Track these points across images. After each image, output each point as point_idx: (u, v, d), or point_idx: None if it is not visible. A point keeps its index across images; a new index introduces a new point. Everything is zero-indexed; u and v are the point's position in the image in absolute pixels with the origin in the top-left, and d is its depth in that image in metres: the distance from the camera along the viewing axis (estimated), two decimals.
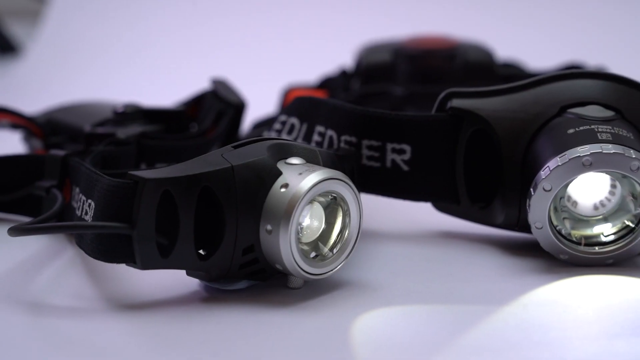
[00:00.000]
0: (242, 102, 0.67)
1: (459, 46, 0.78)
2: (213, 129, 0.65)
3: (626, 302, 0.45)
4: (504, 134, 0.51)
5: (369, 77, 0.78)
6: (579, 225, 0.49)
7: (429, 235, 0.55)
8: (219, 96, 0.67)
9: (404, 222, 0.56)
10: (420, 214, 0.55)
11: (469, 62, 0.77)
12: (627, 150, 0.46)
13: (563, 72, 0.52)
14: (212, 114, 0.66)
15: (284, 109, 0.58)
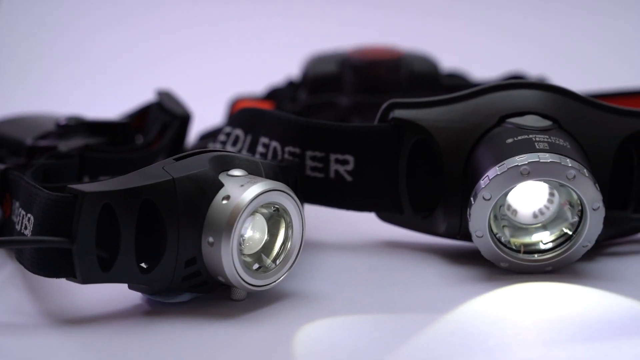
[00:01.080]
0: (188, 114, 0.67)
1: (404, 56, 0.79)
2: (158, 141, 0.65)
3: (564, 309, 0.45)
4: (445, 144, 0.51)
5: (315, 87, 0.78)
6: (518, 233, 0.50)
7: (373, 245, 0.55)
8: (164, 108, 0.66)
9: (347, 232, 0.56)
10: (364, 224, 0.55)
11: (414, 72, 0.78)
12: (563, 159, 0.47)
13: (502, 83, 0.53)
14: (157, 125, 0.65)
15: (229, 121, 0.59)
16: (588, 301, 0.46)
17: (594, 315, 0.44)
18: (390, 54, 0.79)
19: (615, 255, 0.53)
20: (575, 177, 0.47)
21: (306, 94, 0.79)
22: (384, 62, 0.78)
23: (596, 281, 0.48)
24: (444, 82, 0.79)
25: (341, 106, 0.78)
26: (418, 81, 0.78)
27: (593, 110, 0.51)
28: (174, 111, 0.66)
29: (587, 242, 0.49)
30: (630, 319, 0.44)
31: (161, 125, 0.65)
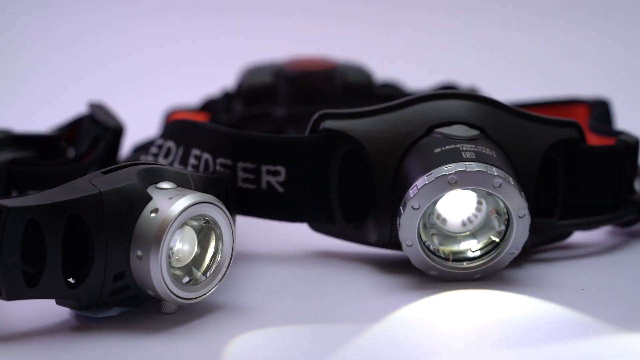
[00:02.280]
0: (120, 126, 0.66)
1: (338, 67, 0.80)
2: (90, 154, 0.64)
3: (491, 315, 0.46)
4: (375, 154, 0.52)
5: (250, 98, 0.79)
6: (447, 242, 0.51)
7: (305, 256, 0.56)
8: (96, 120, 0.66)
9: (280, 243, 0.56)
10: (296, 235, 0.56)
11: (348, 82, 0.79)
12: (489, 168, 0.48)
13: (431, 93, 0.53)
14: (89, 138, 0.65)
15: (161, 133, 0.58)
16: (515, 307, 0.47)
17: (520, 321, 0.45)
18: (325, 64, 0.80)
19: (542, 261, 0.54)
20: (501, 185, 0.48)
21: (241, 105, 0.79)
22: (318, 72, 0.79)
23: (523, 287, 0.49)
24: (378, 92, 0.80)
25: (276, 117, 0.78)
26: (352, 91, 0.78)
27: (519, 120, 0.52)
28: (106, 123, 0.65)
29: (514, 250, 0.50)
30: (555, 324, 0.44)
31: (93, 137, 0.65)
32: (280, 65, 0.80)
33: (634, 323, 0.44)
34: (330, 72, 0.79)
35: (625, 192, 0.57)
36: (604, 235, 0.58)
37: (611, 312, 0.45)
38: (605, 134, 0.62)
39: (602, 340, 0.43)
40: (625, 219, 0.56)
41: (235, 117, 0.78)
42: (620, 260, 0.54)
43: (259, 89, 0.78)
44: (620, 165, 0.56)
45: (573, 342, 0.43)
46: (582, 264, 0.53)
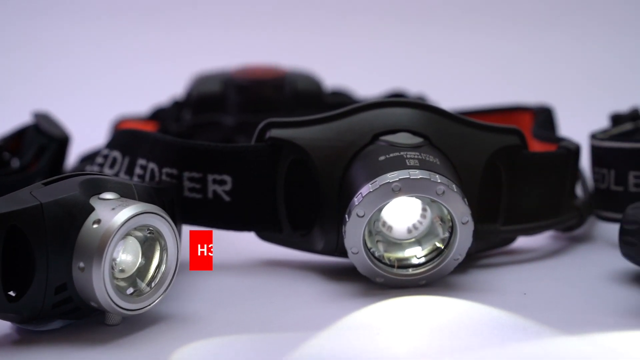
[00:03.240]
0: (66, 136, 0.65)
1: (288, 75, 0.80)
2: (34, 164, 0.63)
3: (436, 321, 0.47)
4: (320, 162, 0.52)
5: (199, 107, 0.78)
6: (392, 249, 0.51)
7: (252, 265, 0.56)
8: (40, 130, 0.65)
9: (227, 252, 0.56)
10: (244, 244, 0.56)
11: (298, 91, 0.79)
12: (433, 175, 0.49)
13: (376, 101, 0.54)
14: (34, 148, 0.64)
15: (107, 143, 0.58)
16: (458, 313, 0.47)
17: (463, 326, 0.46)
18: (274, 73, 0.80)
19: (486, 267, 0.54)
20: (444, 192, 0.49)
21: (191, 114, 0.79)
22: (268, 81, 0.79)
23: (467, 293, 0.50)
24: (327, 100, 0.80)
25: (226, 126, 0.78)
26: (302, 100, 0.79)
27: (462, 127, 0.53)
28: (51, 133, 0.65)
29: (458, 256, 0.50)
30: (496, 328, 0.45)
31: (38, 148, 0.64)
32: (229, 74, 0.80)
33: (572, 326, 0.45)
34: (280, 81, 0.79)
35: (567, 198, 0.58)
36: (546, 240, 0.59)
37: (551, 315, 0.46)
38: (548, 140, 0.63)
39: (541, 344, 0.43)
40: (567, 224, 0.57)
41: (185, 126, 0.78)
42: (561, 264, 0.55)
43: (208, 97, 0.78)
44: (562, 171, 0.56)
45: (514, 346, 0.43)
46: (524, 269, 0.54)
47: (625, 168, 0.56)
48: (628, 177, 0.56)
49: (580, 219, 0.58)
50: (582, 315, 0.46)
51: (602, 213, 0.58)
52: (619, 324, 0.45)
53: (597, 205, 0.59)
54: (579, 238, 0.60)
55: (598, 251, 0.57)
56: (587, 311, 0.47)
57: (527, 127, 0.70)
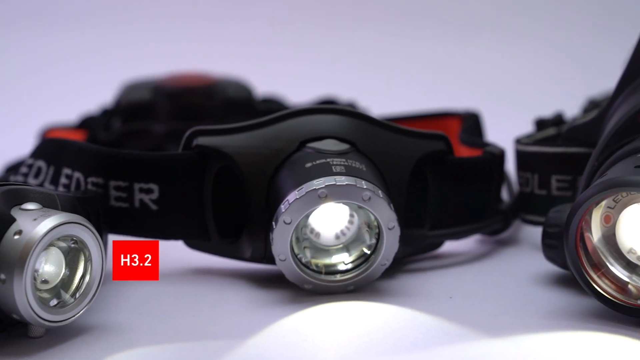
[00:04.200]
0: None
1: (218, 83, 0.80)
2: None
3: (363, 327, 0.47)
4: (248, 169, 0.52)
5: (129, 115, 0.78)
6: (319, 255, 0.51)
7: (180, 273, 0.55)
8: None
9: None
10: (172, 252, 0.55)
11: (229, 98, 0.79)
12: (359, 181, 0.49)
13: (303, 108, 0.54)
14: None
15: (32, 152, 0.57)
16: (385, 317, 0.48)
17: (389, 331, 0.46)
18: (204, 80, 0.80)
19: (414, 271, 0.55)
20: (370, 198, 0.49)
21: (120, 122, 0.78)
22: (198, 88, 0.78)
23: (395, 298, 0.50)
24: (259, 107, 0.80)
25: (156, 134, 0.77)
26: (233, 107, 0.79)
27: (389, 134, 0.54)
28: None
29: (385, 261, 0.51)
30: (422, 332, 0.46)
31: None
32: (159, 82, 0.79)
33: (496, 328, 0.46)
34: (210, 88, 0.79)
35: (492, 202, 0.59)
36: (473, 244, 0.60)
37: (475, 318, 0.47)
38: (474, 145, 0.64)
39: (465, 347, 0.44)
40: (492, 228, 0.58)
41: (114, 134, 0.77)
42: (487, 267, 0.56)
43: (137, 105, 0.78)
44: (487, 176, 0.57)
45: (438, 350, 0.44)
46: (451, 273, 0.55)
47: (548, 172, 0.57)
48: (551, 181, 0.57)
49: (506, 223, 0.59)
50: (506, 318, 0.47)
51: (526, 216, 0.59)
52: (541, 325, 0.46)
53: (522, 209, 0.60)
54: (505, 241, 0.61)
55: (523, 254, 0.59)
56: (510, 313, 0.48)
57: (454, 132, 0.71)
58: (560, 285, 0.51)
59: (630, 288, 0.46)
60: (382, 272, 0.51)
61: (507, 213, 0.59)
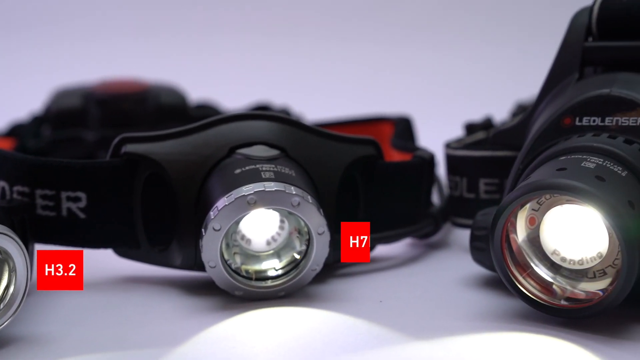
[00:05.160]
0: None
1: (151, 89, 0.79)
2: None
3: (292, 332, 0.47)
4: (177, 176, 0.52)
5: (59, 122, 0.77)
6: (249, 261, 0.51)
7: (109, 282, 0.55)
8: None
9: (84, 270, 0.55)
10: (101, 261, 0.55)
11: (162, 104, 0.79)
12: (288, 187, 0.49)
13: (232, 114, 0.54)
14: None
15: None
16: (315, 322, 0.48)
17: (319, 336, 0.46)
18: (136, 86, 0.79)
19: (345, 276, 0.55)
20: (299, 204, 0.49)
21: (50, 129, 0.77)
22: (129, 95, 0.78)
23: (325, 302, 0.50)
24: (192, 113, 0.80)
25: (87, 141, 0.76)
26: (166, 113, 0.78)
27: (319, 139, 0.54)
28: None
29: (316, 266, 0.51)
30: (351, 336, 0.46)
31: None
32: (89, 88, 0.78)
33: (424, 331, 0.46)
34: (142, 94, 0.78)
35: (422, 205, 0.59)
36: (404, 248, 0.61)
37: (405, 322, 0.47)
38: (405, 150, 0.64)
39: (393, 350, 0.44)
40: (423, 231, 0.59)
41: (44, 142, 0.76)
42: (418, 271, 0.57)
43: (68, 112, 0.77)
44: (416, 180, 0.58)
45: (367, 354, 0.44)
46: (382, 277, 0.55)
47: (476, 175, 0.58)
48: (479, 184, 0.58)
49: (436, 226, 0.60)
50: (435, 321, 0.48)
51: (456, 220, 0.60)
52: (468, 327, 0.46)
53: (452, 212, 0.60)
54: (435, 245, 0.62)
55: (452, 257, 0.59)
56: (439, 316, 0.48)
57: (387, 137, 0.72)
58: (488, 287, 0.52)
59: (554, 288, 0.47)
60: (313, 277, 0.51)
61: (437, 216, 0.60)
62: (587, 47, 0.53)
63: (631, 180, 0.46)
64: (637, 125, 0.48)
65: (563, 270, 0.47)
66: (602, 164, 0.46)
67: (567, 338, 0.45)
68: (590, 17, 0.53)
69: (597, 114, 0.49)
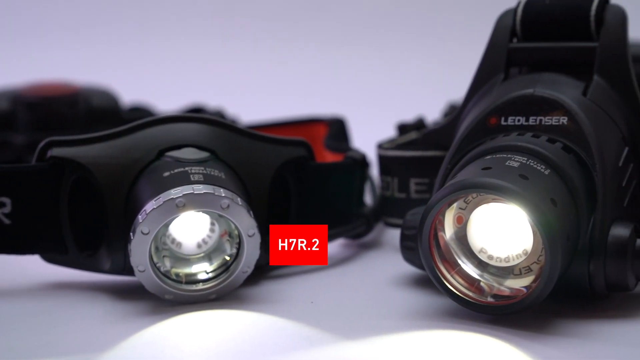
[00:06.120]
0: None
1: (81, 91, 0.78)
2: None
3: (222, 335, 0.47)
4: (105, 180, 0.51)
5: None
6: (179, 264, 0.51)
7: (37, 289, 0.54)
8: None
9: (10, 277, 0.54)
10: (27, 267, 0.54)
11: (93, 107, 0.78)
12: (217, 189, 0.49)
13: (161, 117, 0.53)
14: None
15: None
16: (245, 325, 0.48)
17: (249, 338, 0.46)
18: (66, 89, 0.78)
19: (277, 277, 0.55)
20: (229, 206, 0.49)
21: None
22: (60, 98, 0.77)
23: (257, 304, 0.50)
24: (125, 116, 0.79)
25: (16, 145, 0.75)
26: (97, 116, 0.77)
27: (249, 141, 0.54)
28: None
29: (247, 268, 0.51)
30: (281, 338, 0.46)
31: None
32: (18, 91, 0.77)
33: (354, 332, 0.46)
34: (73, 97, 0.77)
35: (355, 206, 0.60)
36: (337, 248, 0.61)
37: (335, 322, 0.47)
38: (337, 150, 0.65)
39: (322, 351, 0.44)
40: (356, 231, 0.59)
41: None
42: (350, 271, 0.57)
43: None
44: (348, 181, 0.58)
45: (296, 355, 0.44)
46: (314, 278, 0.55)
47: (407, 175, 0.58)
48: (410, 184, 0.58)
49: (368, 226, 0.60)
50: (364, 320, 0.48)
51: (388, 219, 0.61)
52: (397, 326, 0.47)
53: (384, 212, 0.61)
54: (368, 245, 0.62)
55: (384, 257, 0.60)
56: (369, 316, 0.49)
57: (321, 138, 0.72)
58: (419, 286, 0.53)
59: (482, 286, 0.47)
60: (245, 279, 0.51)
61: (369, 217, 0.60)
62: (511, 48, 0.54)
63: (554, 178, 0.47)
64: (559, 124, 0.49)
65: (490, 267, 0.47)
66: (525, 163, 0.47)
67: (494, 335, 0.45)
68: (515, 19, 0.54)
69: (522, 113, 0.50)
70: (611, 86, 0.51)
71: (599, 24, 0.52)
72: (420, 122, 0.70)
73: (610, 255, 0.46)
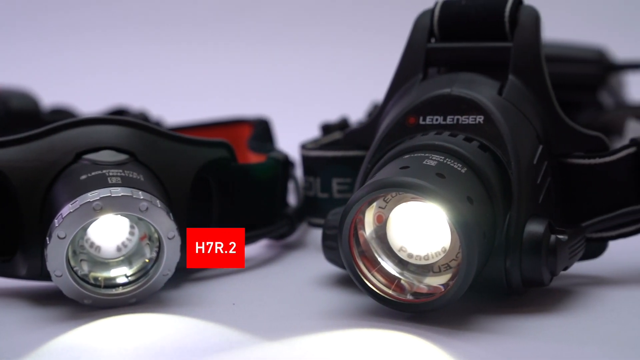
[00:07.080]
0: None
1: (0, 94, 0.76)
2: None
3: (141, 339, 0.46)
4: (20, 184, 0.50)
5: None
6: (97, 268, 0.50)
7: None
8: None
9: None
10: None
11: (12, 110, 0.76)
12: (135, 192, 0.48)
13: (78, 119, 0.53)
14: None
15: None
16: (166, 328, 0.47)
17: (169, 342, 0.46)
18: None
19: (199, 279, 0.55)
20: (148, 208, 0.48)
21: None
22: None
23: (178, 307, 0.50)
24: (46, 118, 0.77)
25: None
26: (17, 119, 0.76)
27: (170, 143, 0.53)
28: None
29: (167, 271, 0.50)
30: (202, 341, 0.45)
31: None
32: None
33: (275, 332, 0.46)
34: None
35: (278, 206, 0.60)
36: (260, 249, 0.61)
37: (256, 323, 0.47)
38: (261, 151, 0.64)
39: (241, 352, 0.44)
40: (279, 232, 0.59)
41: None
42: (273, 272, 0.57)
43: None
44: (270, 181, 0.58)
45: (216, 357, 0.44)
46: (237, 279, 0.55)
47: (329, 175, 0.58)
48: (332, 184, 0.58)
49: (291, 227, 0.60)
50: (285, 321, 0.48)
51: (312, 220, 0.61)
52: (318, 326, 0.47)
53: (308, 213, 0.61)
54: (291, 245, 0.62)
55: (308, 257, 0.60)
56: (291, 316, 0.49)
57: (245, 139, 0.71)
58: (340, 285, 0.53)
59: (403, 284, 0.48)
60: (165, 282, 0.50)
61: (293, 217, 0.60)
62: (429, 48, 0.54)
63: (470, 177, 0.47)
64: (476, 123, 0.50)
65: (410, 265, 0.48)
66: (442, 162, 0.47)
67: (414, 332, 0.46)
68: (432, 19, 0.54)
69: (439, 113, 0.50)
70: (526, 85, 0.52)
71: (513, 25, 0.53)
72: (344, 122, 0.71)
73: (526, 252, 0.47)
